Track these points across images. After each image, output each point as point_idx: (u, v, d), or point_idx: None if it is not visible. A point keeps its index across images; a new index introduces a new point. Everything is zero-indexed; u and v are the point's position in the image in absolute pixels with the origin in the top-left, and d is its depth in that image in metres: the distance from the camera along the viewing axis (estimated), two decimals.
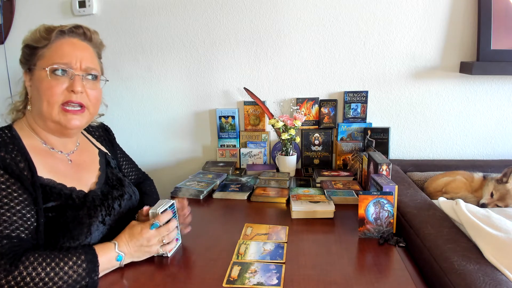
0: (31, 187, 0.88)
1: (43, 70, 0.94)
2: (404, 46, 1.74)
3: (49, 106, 0.94)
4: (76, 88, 0.95)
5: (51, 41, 0.96)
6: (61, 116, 0.96)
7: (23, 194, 0.86)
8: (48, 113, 0.95)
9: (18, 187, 0.86)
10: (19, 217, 0.84)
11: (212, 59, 1.85)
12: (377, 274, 0.93)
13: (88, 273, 0.85)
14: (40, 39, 0.96)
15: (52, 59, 0.95)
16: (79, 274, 0.83)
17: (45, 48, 0.96)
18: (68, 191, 0.95)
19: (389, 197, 1.09)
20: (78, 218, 0.93)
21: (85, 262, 0.85)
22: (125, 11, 1.85)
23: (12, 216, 0.83)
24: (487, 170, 1.58)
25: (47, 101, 0.94)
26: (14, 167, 0.87)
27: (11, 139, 0.92)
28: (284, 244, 1.06)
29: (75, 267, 0.83)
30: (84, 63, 0.98)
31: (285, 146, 1.73)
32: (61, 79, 0.95)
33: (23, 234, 0.84)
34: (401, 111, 1.81)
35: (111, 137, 1.28)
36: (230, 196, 1.46)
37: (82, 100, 0.98)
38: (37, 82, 0.95)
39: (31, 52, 0.97)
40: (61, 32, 0.97)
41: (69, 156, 1.04)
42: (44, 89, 0.94)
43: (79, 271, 0.83)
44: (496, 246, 0.94)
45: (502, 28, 1.62)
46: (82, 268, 0.84)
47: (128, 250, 0.94)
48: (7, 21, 1.92)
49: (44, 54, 0.96)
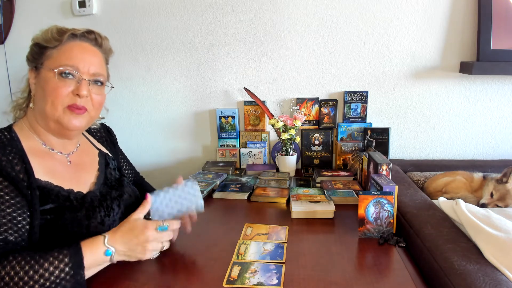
0: (26, 190, 0.87)
1: (51, 71, 0.94)
2: (404, 46, 1.74)
3: (53, 107, 0.95)
4: (82, 92, 0.96)
5: (62, 43, 0.96)
6: (63, 116, 0.96)
7: (15, 197, 0.86)
8: (51, 113, 0.95)
9: (11, 190, 0.85)
10: (9, 219, 0.83)
11: (212, 59, 1.86)
12: (377, 274, 0.93)
13: (72, 267, 0.81)
14: (51, 39, 0.96)
15: (61, 61, 0.95)
16: (61, 270, 0.80)
17: (55, 49, 0.96)
18: (66, 193, 0.95)
19: (389, 197, 1.09)
20: (77, 219, 0.93)
21: (68, 256, 0.82)
22: (125, 11, 1.85)
23: (1, 219, 0.82)
24: (487, 170, 1.58)
25: (52, 101, 0.94)
26: (9, 169, 0.86)
27: (10, 141, 0.92)
28: (284, 244, 1.06)
29: (57, 262, 0.81)
30: (92, 68, 0.99)
31: (285, 146, 1.73)
32: (68, 82, 0.95)
33: (11, 236, 0.83)
34: (401, 111, 1.81)
35: (113, 139, 1.28)
36: (230, 196, 1.46)
37: (86, 105, 0.98)
38: (43, 82, 0.95)
39: (40, 51, 0.97)
40: (73, 35, 0.98)
41: (69, 157, 1.04)
42: (50, 90, 0.94)
43: (61, 266, 0.80)
44: (496, 246, 0.94)
45: (502, 28, 1.62)
46: (64, 263, 0.81)
47: (121, 247, 0.89)
48: (7, 21, 1.92)
49: (52, 54, 0.96)
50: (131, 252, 0.91)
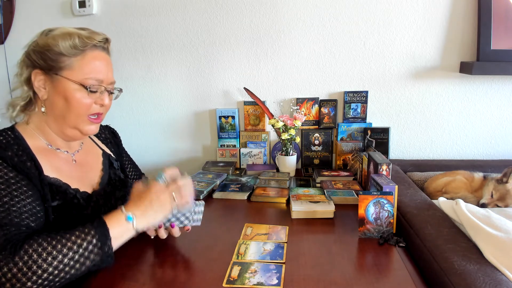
0: (39, 185, 0.89)
1: (75, 83, 0.94)
2: (404, 46, 1.74)
3: (78, 118, 0.97)
4: (106, 102, 1.00)
5: (83, 53, 0.95)
6: (84, 124, 0.99)
7: (32, 189, 0.87)
8: (74, 123, 0.97)
9: (27, 183, 0.86)
10: (29, 209, 0.84)
11: (212, 59, 1.86)
12: (377, 274, 0.93)
13: (99, 238, 0.81)
14: (72, 49, 0.94)
15: (85, 73, 0.95)
16: (89, 242, 0.80)
17: (74, 58, 0.94)
18: (73, 191, 0.96)
19: (389, 197, 1.09)
20: (83, 218, 0.94)
21: (93, 229, 0.82)
22: (125, 11, 1.85)
23: (22, 207, 0.83)
24: (487, 170, 1.58)
25: (78, 113, 0.96)
26: (22, 165, 0.87)
27: (15, 140, 0.93)
28: (284, 244, 1.06)
29: (83, 235, 0.81)
30: (110, 77, 1.01)
31: (285, 146, 1.73)
32: (93, 95, 0.97)
33: (33, 223, 0.84)
34: (401, 111, 1.81)
35: (117, 140, 1.29)
36: (230, 196, 1.46)
37: (104, 111, 1.03)
38: (63, 91, 0.94)
39: (55, 58, 0.93)
40: (94, 45, 0.97)
41: (74, 156, 1.05)
42: (76, 102, 0.95)
43: (88, 238, 0.80)
44: (496, 246, 0.94)
45: (502, 28, 1.62)
46: (91, 235, 0.81)
47: (138, 210, 0.89)
48: (7, 21, 1.92)
49: (73, 64, 0.94)
50: (150, 211, 0.90)
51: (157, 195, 0.92)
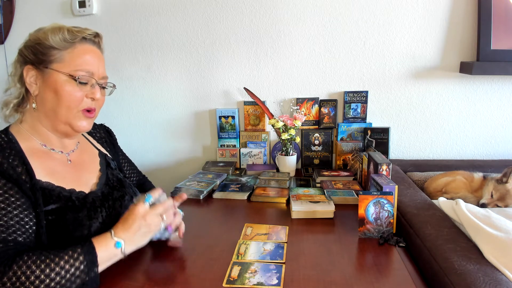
0: (29, 191, 0.87)
1: (65, 75, 0.94)
2: (404, 46, 1.74)
3: (69, 111, 0.96)
4: (97, 96, 0.99)
5: (73, 46, 0.96)
6: (76, 120, 0.98)
7: (20, 199, 0.86)
8: (65, 117, 0.97)
9: (15, 192, 0.85)
10: (17, 221, 0.83)
11: (212, 59, 1.86)
12: (377, 274, 0.93)
13: (87, 264, 0.83)
14: (62, 42, 0.95)
15: (76, 66, 0.95)
16: (76, 268, 0.81)
17: (65, 51, 0.95)
18: (68, 193, 0.95)
19: (389, 197, 1.09)
20: (78, 220, 0.93)
21: (82, 254, 0.83)
22: (125, 11, 1.85)
23: (9, 221, 0.82)
24: (487, 170, 1.58)
25: (68, 106, 0.96)
26: (11, 171, 0.86)
27: (8, 143, 0.92)
28: (284, 244, 1.06)
29: (72, 260, 0.82)
30: (101, 71, 1.01)
31: (285, 146, 1.73)
32: (84, 87, 0.97)
33: (20, 238, 0.83)
34: (401, 111, 1.81)
35: (112, 139, 1.28)
36: (230, 196, 1.46)
37: (96, 106, 1.02)
38: (53, 84, 0.94)
39: (45, 51, 0.94)
40: (83, 38, 0.98)
41: (69, 156, 1.04)
42: (65, 94, 0.94)
43: (76, 264, 0.82)
44: (496, 246, 0.94)
45: (502, 28, 1.62)
46: (79, 261, 0.82)
47: (126, 235, 0.90)
48: (7, 21, 1.92)
49: (63, 57, 0.95)
50: (137, 236, 0.91)
51: (144, 219, 0.92)
